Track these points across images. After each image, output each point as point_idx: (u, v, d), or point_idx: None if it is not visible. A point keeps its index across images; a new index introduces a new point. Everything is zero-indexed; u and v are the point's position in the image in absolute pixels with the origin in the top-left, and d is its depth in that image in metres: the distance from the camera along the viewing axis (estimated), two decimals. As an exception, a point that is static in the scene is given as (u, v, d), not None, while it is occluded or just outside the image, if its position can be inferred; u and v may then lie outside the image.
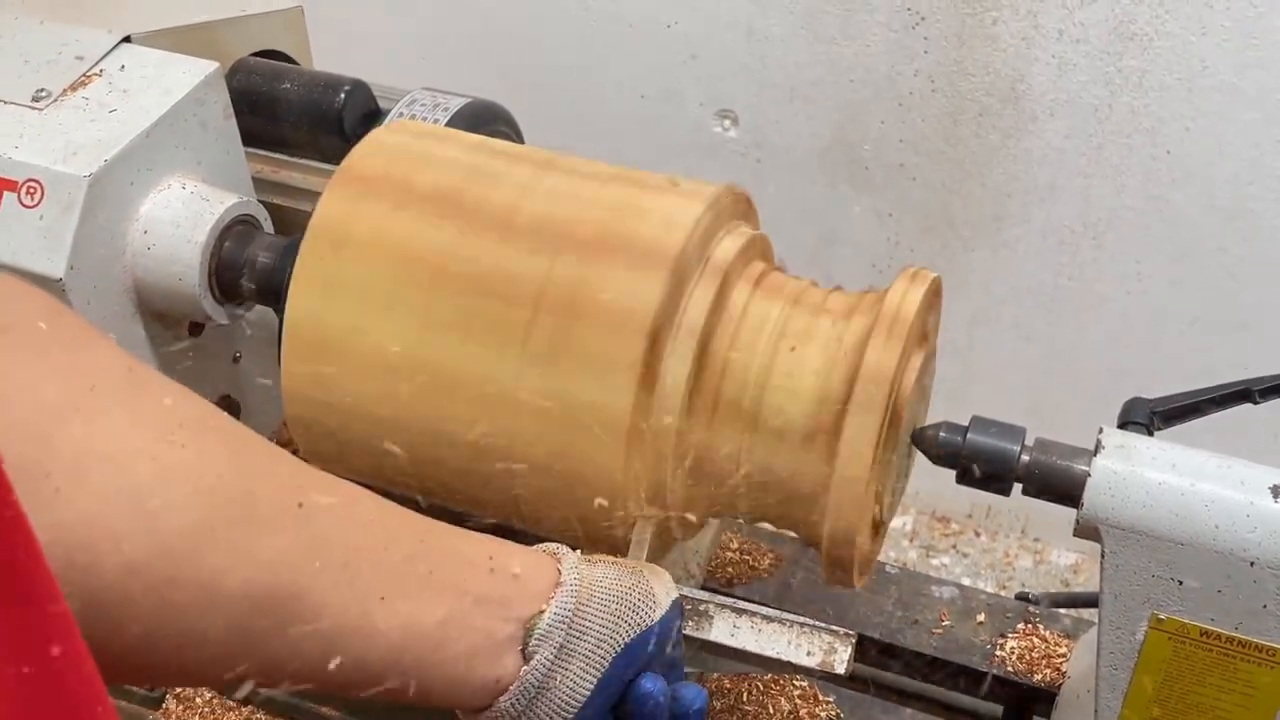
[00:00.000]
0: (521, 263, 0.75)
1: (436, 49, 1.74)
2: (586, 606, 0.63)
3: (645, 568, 0.69)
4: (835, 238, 1.67)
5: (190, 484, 0.50)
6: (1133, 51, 1.41)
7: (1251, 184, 1.43)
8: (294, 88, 0.98)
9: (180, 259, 0.84)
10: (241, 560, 0.51)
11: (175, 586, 0.49)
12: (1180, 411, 0.79)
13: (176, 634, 0.50)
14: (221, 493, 0.51)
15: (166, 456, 0.50)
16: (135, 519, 0.48)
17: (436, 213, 0.77)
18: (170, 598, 0.49)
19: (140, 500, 0.48)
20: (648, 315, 0.72)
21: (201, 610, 0.50)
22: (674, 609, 0.67)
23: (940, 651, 0.94)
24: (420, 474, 0.80)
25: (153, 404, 0.52)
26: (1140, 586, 0.72)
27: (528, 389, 0.73)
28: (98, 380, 0.51)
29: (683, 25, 1.59)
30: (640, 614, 0.65)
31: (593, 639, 0.63)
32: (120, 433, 0.50)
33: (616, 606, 0.64)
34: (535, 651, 0.61)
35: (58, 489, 0.47)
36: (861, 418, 0.71)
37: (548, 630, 0.61)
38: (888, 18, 1.49)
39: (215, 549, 0.50)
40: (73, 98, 0.85)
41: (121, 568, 0.48)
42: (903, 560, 1.83)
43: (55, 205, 0.80)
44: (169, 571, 0.49)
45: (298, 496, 0.55)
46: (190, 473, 0.51)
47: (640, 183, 0.79)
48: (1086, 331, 1.64)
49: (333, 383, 0.78)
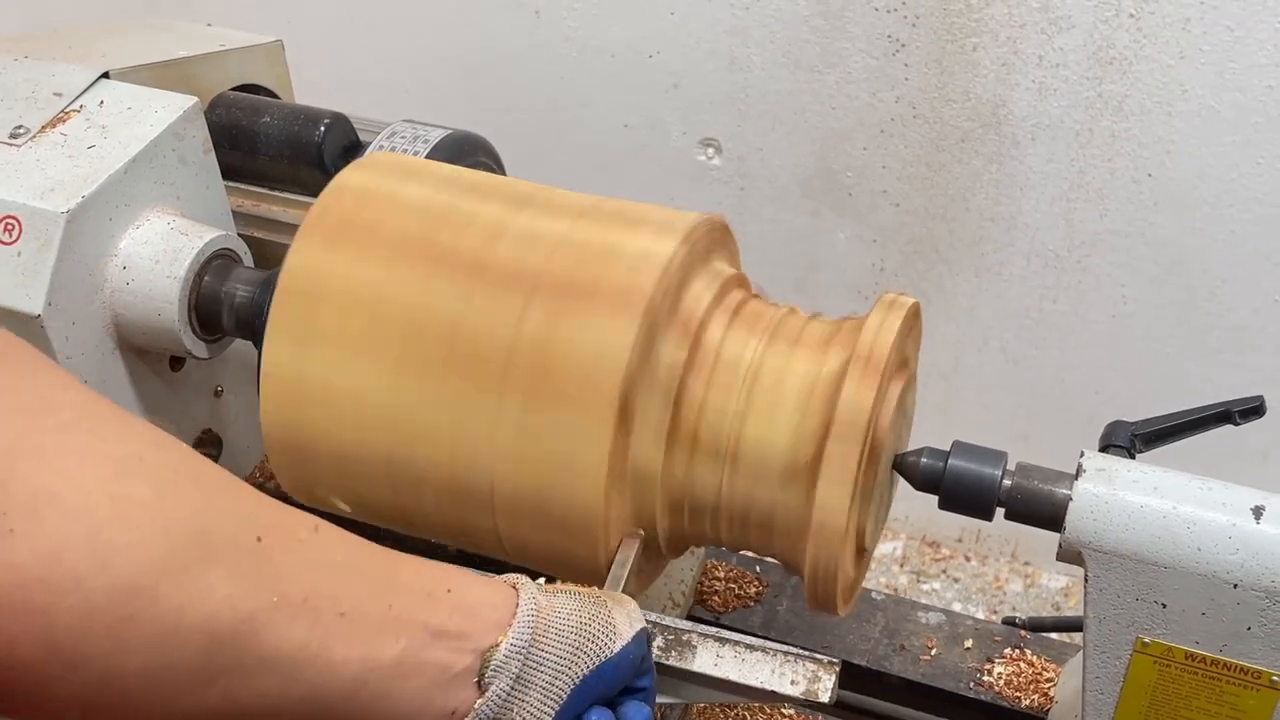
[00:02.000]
0: (493, 311, 0.74)
1: (420, 81, 1.74)
2: (544, 637, 0.63)
3: (609, 596, 0.68)
4: (820, 264, 1.68)
5: (148, 523, 0.50)
6: (1112, 76, 1.41)
7: (1232, 206, 1.44)
8: (274, 121, 0.98)
9: (159, 294, 0.84)
10: (200, 597, 0.51)
11: (133, 625, 0.49)
12: (1161, 434, 0.79)
13: (134, 673, 0.50)
14: (180, 531, 0.51)
15: (124, 494, 0.50)
16: (94, 558, 0.48)
17: (406, 261, 0.77)
18: (128, 636, 0.49)
19: (99, 539, 0.48)
20: (621, 362, 0.71)
21: (160, 648, 0.50)
22: (637, 639, 0.66)
23: (928, 678, 0.94)
24: (403, 513, 0.80)
25: (110, 441, 0.52)
26: (1124, 610, 0.72)
27: (504, 435, 0.73)
28: (51, 418, 0.50)
29: (665, 55, 1.59)
30: (599, 644, 0.64)
31: (550, 671, 0.62)
32: (76, 471, 0.49)
33: (574, 637, 0.64)
34: (491, 683, 0.61)
35: (12, 529, 0.46)
36: (839, 455, 0.71)
37: (503, 662, 0.61)
38: (868, 45, 1.49)
39: (174, 587, 0.50)
40: (51, 134, 0.85)
41: (80, 607, 0.47)
42: (893, 585, 1.82)
43: (33, 242, 0.79)
44: (128, 610, 0.49)
45: (256, 532, 0.54)
46: (148, 510, 0.50)
47: (614, 217, 0.79)
48: (1072, 354, 1.64)
49: (311, 429, 0.78)
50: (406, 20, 1.70)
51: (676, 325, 0.75)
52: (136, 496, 0.50)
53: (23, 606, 0.46)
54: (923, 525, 1.88)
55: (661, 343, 0.74)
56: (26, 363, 0.53)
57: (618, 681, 0.65)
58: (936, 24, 1.45)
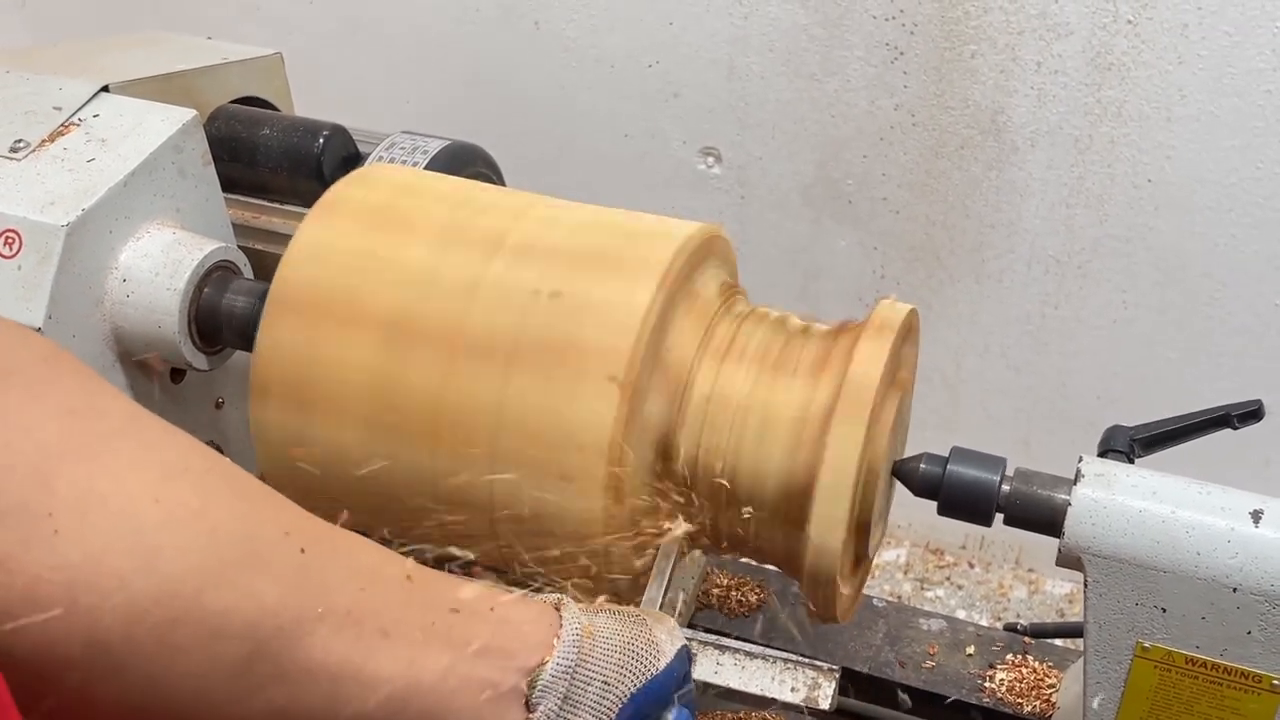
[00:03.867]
0: (473, 385, 0.73)
1: (421, 92, 1.75)
2: (590, 656, 0.62)
3: (649, 615, 0.68)
4: (820, 272, 1.68)
5: (194, 526, 0.50)
6: (1111, 82, 1.42)
7: (1231, 211, 1.44)
8: (273, 133, 0.98)
9: (159, 306, 0.84)
10: (244, 603, 0.51)
11: (178, 627, 0.49)
12: (1160, 439, 0.79)
13: (178, 676, 0.50)
14: (225, 535, 0.51)
15: (170, 498, 0.50)
16: (139, 559, 0.48)
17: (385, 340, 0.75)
18: (173, 639, 0.49)
19: (144, 541, 0.48)
20: (605, 431, 0.71)
21: (204, 652, 0.50)
22: (679, 656, 0.66)
23: (929, 684, 0.94)
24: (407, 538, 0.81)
25: (155, 447, 0.52)
26: (1124, 615, 0.72)
27: (498, 501, 0.74)
28: (98, 423, 0.51)
29: (664, 65, 1.60)
30: (645, 662, 0.63)
31: (597, 689, 0.62)
32: (122, 474, 0.50)
33: (620, 656, 0.63)
34: (540, 702, 0.60)
35: (57, 530, 0.47)
36: (828, 507, 0.71)
37: (551, 681, 0.60)
38: (866, 53, 1.50)
39: (219, 591, 0.50)
40: (51, 148, 0.85)
41: (125, 608, 0.48)
42: (897, 593, 1.82)
43: (33, 255, 0.80)
44: (173, 612, 0.49)
45: (300, 542, 0.54)
46: (194, 515, 0.50)
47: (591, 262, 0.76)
48: (1074, 360, 1.64)
49: (308, 482, 0.79)
50: (407, 32, 1.71)
51: (660, 383, 0.74)
52: (182, 501, 0.50)
53: (68, 606, 0.47)
54: (926, 532, 1.88)
55: (646, 403, 0.73)
56: (74, 368, 0.53)
57: (664, 699, 0.64)
58: (935, 31, 1.46)
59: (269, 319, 0.77)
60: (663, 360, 0.74)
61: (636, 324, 0.72)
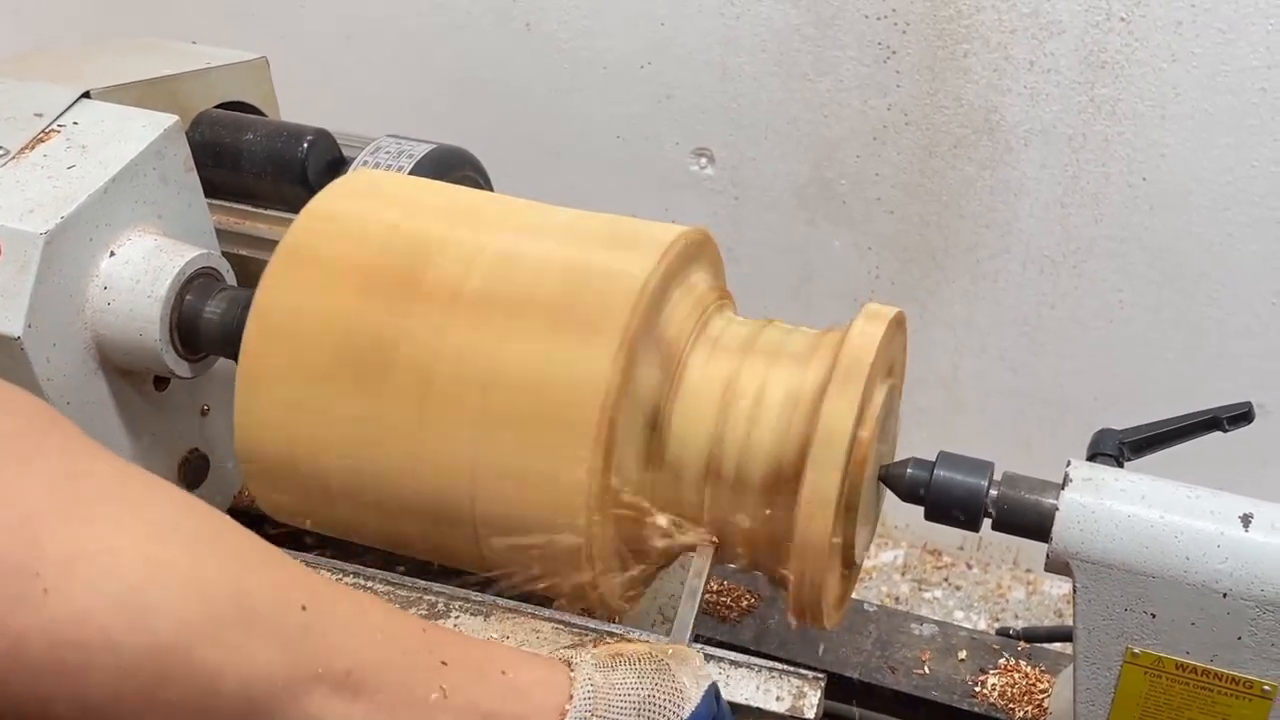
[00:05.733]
0: (447, 440, 0.73)
1: (411, 95, 1.74)
2: (604, 718, 0.60)
3: (672, 656, 0.65)
4: (815, 273, 1.67)
5: (183, 584, 0.50)
6: (1104, 80, 1.41)
7: (1228, 209, 1.43)
8: (257, 138, 0.98)
9: (140, 314, 0.83)
10: (237, 661, 0.50)
11: (167, 686, 0.49)
12: (1149, 442, 0.79)
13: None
14: (216, 593, 0.51)
15: (158, 557, 0.50)
16: (127, 617, 0.48)
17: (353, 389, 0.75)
18: (162, 698, 0.49)
19: (132, 599, 0.48)
20: (601, 381, 0.70)
21: (195, 712, 0.50)
22: (706, 698, 0.63)
23: (921, 690, 0.93)
24: (385, 537, 0.81)
25: (144, 506, 0.52)
26: (1113, 620, 0.71)
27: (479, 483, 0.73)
28: (87, 484, 0.51)
29: (657, 66, 1.59)
30: (667, 714, 0.61)
31: None
32: (110, 534, 0.49)
33: (638, 715, 0.60)
34: None
35: (46, 589, 0.47)
36: (820, 475, 0.70)
37: None
38: (859, 53, 1.49)
39: (210, 648, 0.50)
40: (31, 155, 0.84)
41: (114, 667, 0.47)
42: (894, 594, 1.81)
43: (12, 264, 0.79)
44: (161, 671, 0.48)
45: (301, 599, 0.54)
46: (183, 573, 0.50)
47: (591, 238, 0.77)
48: (1070, 360, 1.63)
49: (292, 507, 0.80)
50: (396, 35, 1.70)
51: (656, 349, 0.74)
52: (171, 560, 0.50)
53: (56, 666, 0.47)
54: (923, 533, 1.87)
55: (642, 367, 0.73)
56: (64, 430, 0.53)
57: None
58: (927, 30, 1.45)
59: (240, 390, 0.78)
60: (659, 332, 0.74)
61: (637, 287, 0.72)
